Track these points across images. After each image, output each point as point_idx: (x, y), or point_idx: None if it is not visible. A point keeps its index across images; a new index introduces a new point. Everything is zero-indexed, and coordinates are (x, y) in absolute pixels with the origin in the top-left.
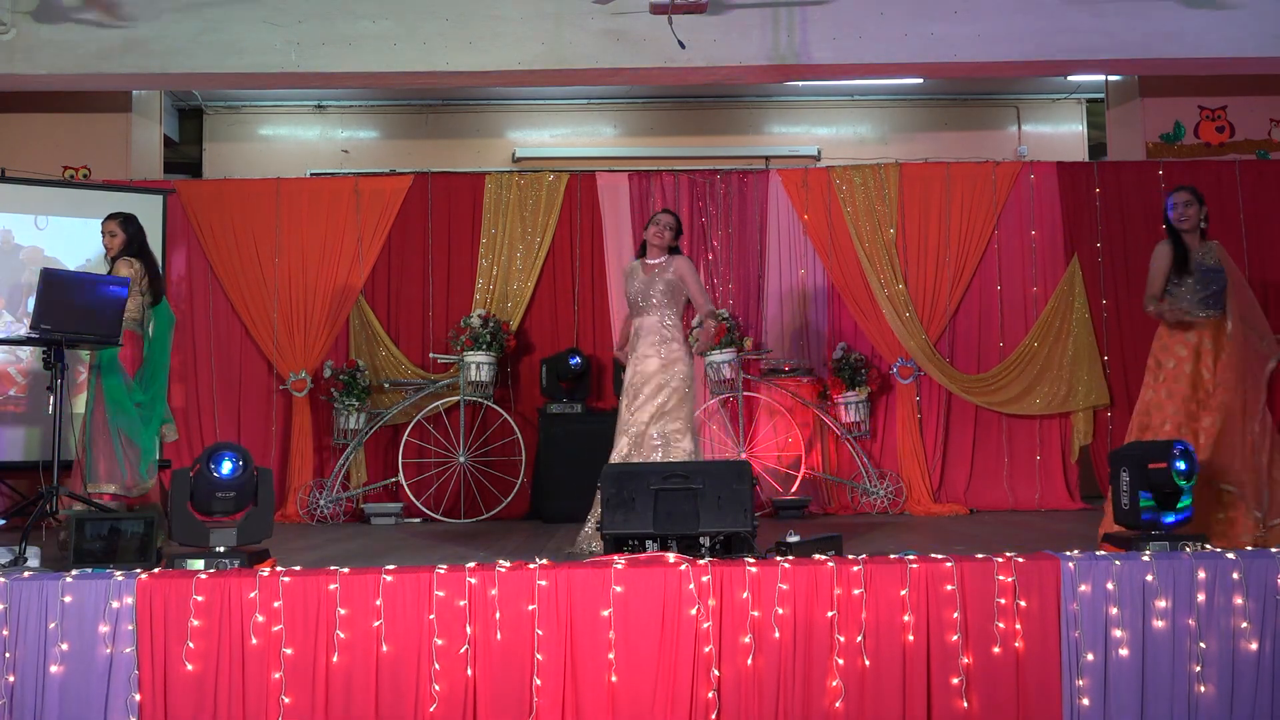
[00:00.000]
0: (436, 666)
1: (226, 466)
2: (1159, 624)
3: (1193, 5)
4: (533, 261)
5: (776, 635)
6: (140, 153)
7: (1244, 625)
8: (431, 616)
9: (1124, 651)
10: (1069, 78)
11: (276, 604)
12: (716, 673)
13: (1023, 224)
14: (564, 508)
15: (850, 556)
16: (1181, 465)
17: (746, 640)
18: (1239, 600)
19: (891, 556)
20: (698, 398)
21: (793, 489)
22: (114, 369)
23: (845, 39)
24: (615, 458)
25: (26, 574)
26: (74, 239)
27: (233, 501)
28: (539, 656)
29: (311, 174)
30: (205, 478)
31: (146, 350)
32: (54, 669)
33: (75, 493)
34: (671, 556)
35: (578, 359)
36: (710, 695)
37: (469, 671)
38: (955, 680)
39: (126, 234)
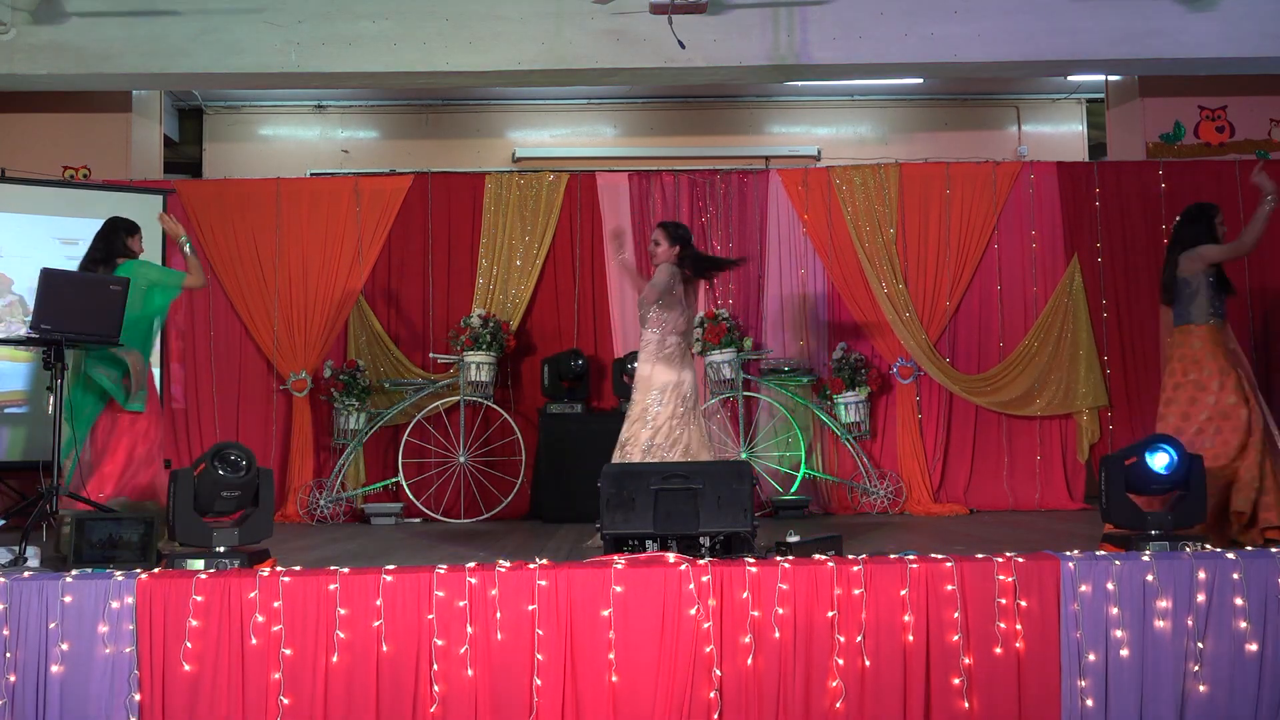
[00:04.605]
0: (436, 667)
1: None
2: (1159, 624)
3: (1192, 5)
4: (533, 261)
5: (777, 635)
6: (140, 153)
7: (1244, 625)
8: (431, 616)
9: (1124, 652)
10: (1069, 78)
11: (276, 604)
12: (717, 673)
13: (1023, 224)
14: (564, 508)
15: (850, 556)
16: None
17: (747, 640)
18: (1239, 600)
19: (891, 556)
20: (699, 397)
21: (793, 489)
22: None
23: (845, 39)
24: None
25: (26, 574)
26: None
27: (235, 501)
28: (539, 657)
29: (311, 174)
30: (210, 477)
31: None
32: (54, 669)
33: (75, 493)
34: (671, 556)
35: (580, 360)
36: (711, 695)
37: (469, 672)
38: (956, 680)
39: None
